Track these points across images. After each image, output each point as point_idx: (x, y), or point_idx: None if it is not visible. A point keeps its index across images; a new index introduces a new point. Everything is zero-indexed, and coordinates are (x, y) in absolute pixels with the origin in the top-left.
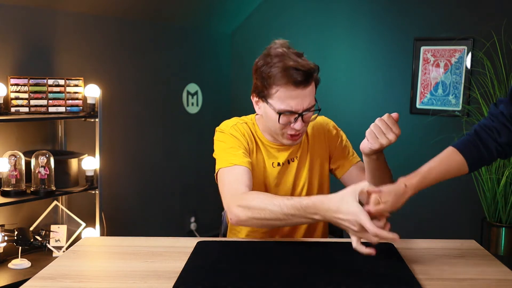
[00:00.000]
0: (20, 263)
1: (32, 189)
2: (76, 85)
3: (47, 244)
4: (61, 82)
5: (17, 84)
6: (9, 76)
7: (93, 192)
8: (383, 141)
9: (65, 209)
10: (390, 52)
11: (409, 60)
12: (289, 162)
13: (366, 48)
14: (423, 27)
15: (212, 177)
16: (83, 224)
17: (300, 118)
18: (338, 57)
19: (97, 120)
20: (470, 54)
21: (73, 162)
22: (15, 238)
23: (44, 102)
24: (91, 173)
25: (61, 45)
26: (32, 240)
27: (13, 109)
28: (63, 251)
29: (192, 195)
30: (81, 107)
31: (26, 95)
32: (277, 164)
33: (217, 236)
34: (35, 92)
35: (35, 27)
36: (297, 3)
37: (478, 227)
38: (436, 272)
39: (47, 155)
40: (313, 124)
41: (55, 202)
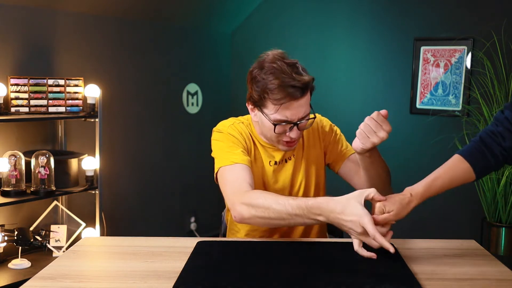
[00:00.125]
0: (20, 263)
1: (32, 189)
2: (76, 85)
3: (47, 244)
4: (61, 82)
5: (17, 84)
6: (9, 76)
7: (93, 192)
8: (374, 139)
9: (65, 209)
10: (390, 52)
11: (409, 60)
12: (286, 161)
13: (366, 48)
14: (423, 27)
15: (212, 177)
16: (83, 224)
17: (295, 127)
18: (338, 57)
19: (97, 120)
20: (470, 54)
21: (73, 162)
22: (15, 238)
23: (44, 102)
24: (91, 173)
25: (61, 45)
26: (32, 240)
27: (13, 109)
28: (63, 251)
29: (192, 195)
30: (81, 107)
31: (26, 95)
32: (274, 162)
33: (217, 236)
34: (35, 92)
35: (35, 27)
36: (297, 3)
37: (478, 227)
38: (436, 272)
39: (47, 155)
40: None
41: (55, 202)
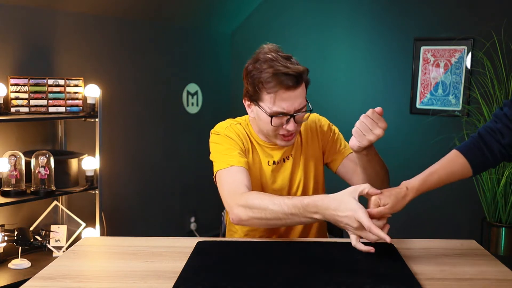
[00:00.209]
0: (20, 263)
1: (32, 189)
2: (76, 85)
3: (47, 244)
4: (61, 82)
5: (17, 84)
6: (9, 76)
7: (93, 192)
8: (370, 137)
9: (65, 209)
10: (390, 52)
11: (409, 60)
12: (284, 161)
13: (366, 48)
14: (423, 27)
15: (212, 177)
16: (83, 224)
17: (292, 119)
18: (338, 57)
19: (97, 120)
20: (470, 54)
21: (73, 162)
22: (15, 238)
23: (44, 102)
24: (91, 173)
25: (61, 45)
26: (32, 240)
27: (13, 109)
28: (63, 251)
29: (192, 195)
30: (81, 107)
31: (26, 95)
32: (272, 162)
33: (217, 236)
34: (35, 92)
35: (35, 27)
36: (297, 3)
37: (478, 227)
38: (436, 272)
39: (47, 155)
40: (306, 122)
41: (55, 202)
